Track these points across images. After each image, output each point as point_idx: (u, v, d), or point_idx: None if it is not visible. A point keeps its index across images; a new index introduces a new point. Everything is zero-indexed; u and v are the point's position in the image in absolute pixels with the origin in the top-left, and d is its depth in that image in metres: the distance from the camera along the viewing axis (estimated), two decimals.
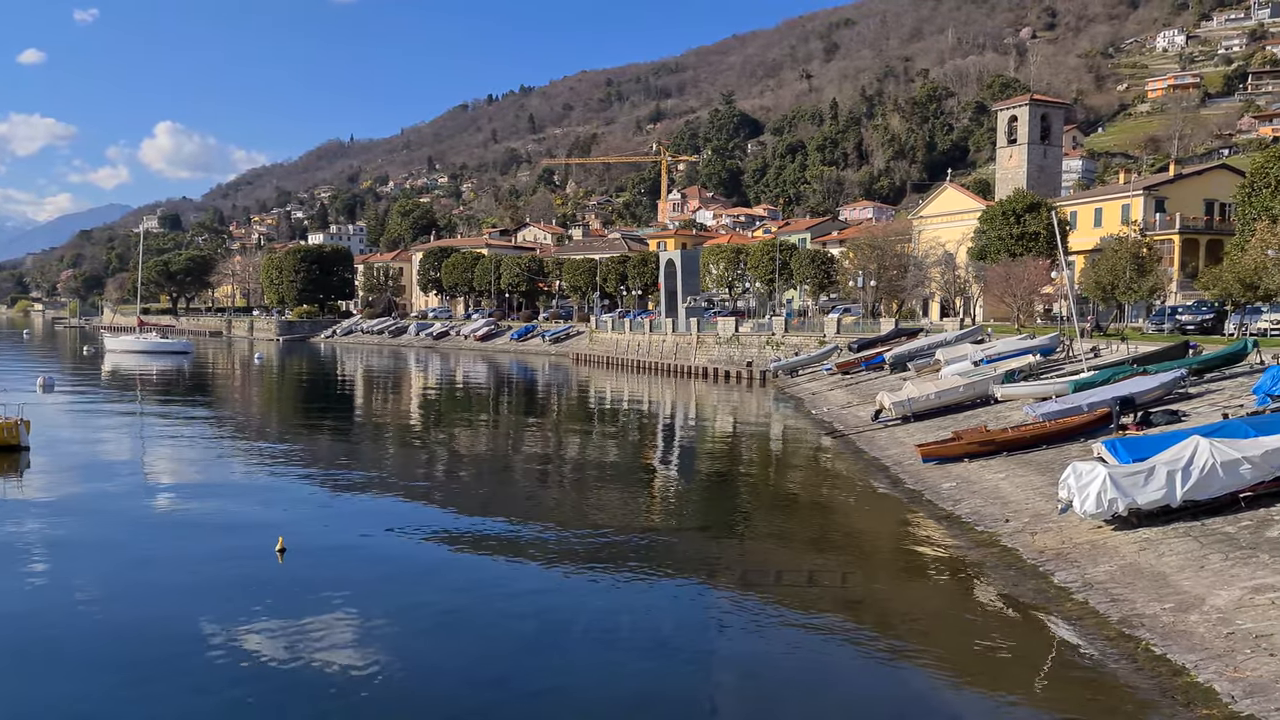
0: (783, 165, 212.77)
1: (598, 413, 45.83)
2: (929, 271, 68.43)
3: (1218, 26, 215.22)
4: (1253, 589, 12.42)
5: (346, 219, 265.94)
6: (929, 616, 14.32)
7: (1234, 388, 25.63)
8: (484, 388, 59.71)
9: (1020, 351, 37.13)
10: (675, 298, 72.95)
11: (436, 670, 12.38)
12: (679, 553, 18.12)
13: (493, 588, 15.83)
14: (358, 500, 23.02)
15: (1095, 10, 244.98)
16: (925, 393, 31.51)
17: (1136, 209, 64.55)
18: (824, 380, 47.27)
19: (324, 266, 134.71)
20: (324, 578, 16.12)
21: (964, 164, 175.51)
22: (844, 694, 11.73)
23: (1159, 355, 30.78)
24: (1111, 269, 45.19)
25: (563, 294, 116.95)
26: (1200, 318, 43.05)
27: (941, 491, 21.33)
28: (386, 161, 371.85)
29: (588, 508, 22.73)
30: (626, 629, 13.91)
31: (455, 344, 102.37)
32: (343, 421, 42.29)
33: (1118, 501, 15.20)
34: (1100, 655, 11.85)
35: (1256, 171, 48.00)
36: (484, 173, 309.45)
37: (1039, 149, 79.60)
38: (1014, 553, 16.31)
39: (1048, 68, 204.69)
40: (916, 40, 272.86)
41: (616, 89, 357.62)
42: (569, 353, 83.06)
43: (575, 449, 33.20)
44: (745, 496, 24.80)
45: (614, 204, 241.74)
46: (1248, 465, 15.23)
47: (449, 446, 33.71)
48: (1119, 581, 13.85)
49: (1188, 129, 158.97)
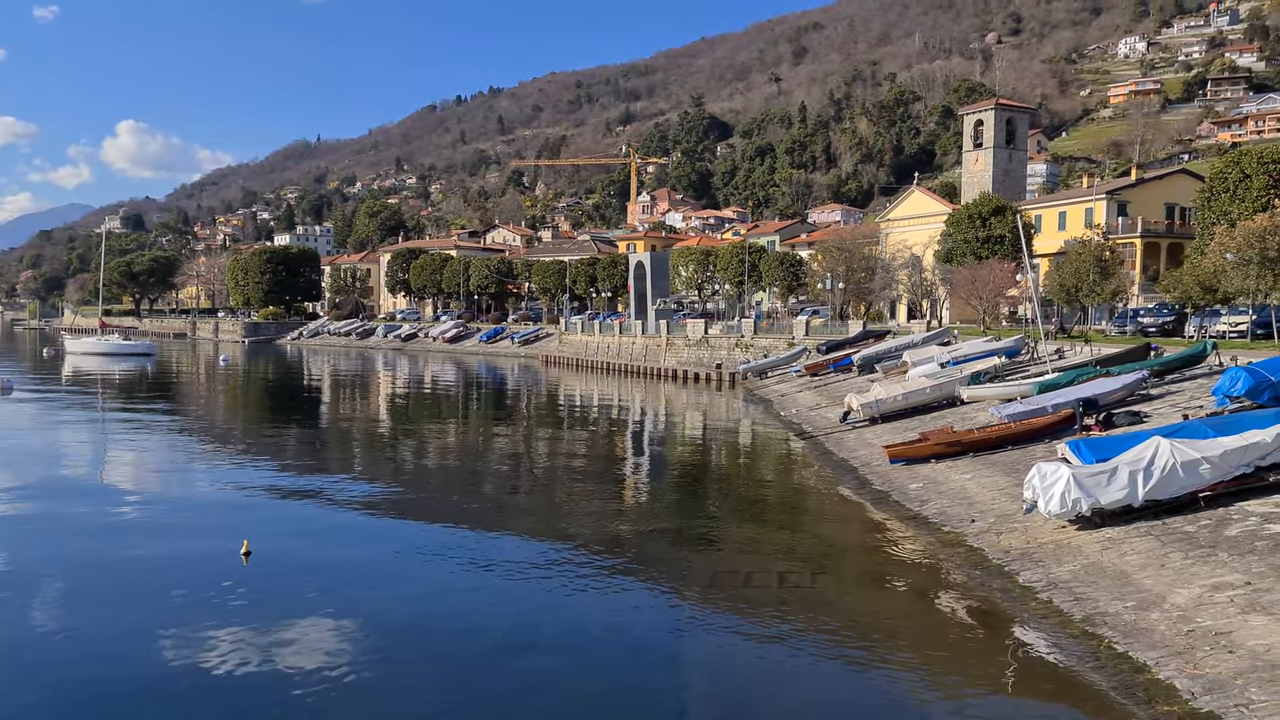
0: (752, 168, 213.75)
1: (567, 415, 45.75)
2: (896, 274, 69.03)
3: (1178, 34, 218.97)
4: (1212, 587, 12.63)
5: (313, 220, 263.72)
6: (897, 617, 14.43)
7: (1194, 389, 26.06)
8: (453, 390, 59.41)
9: (986, 353, 37.52)
10: (645, 300, 73.01)
11: (404, 673, 12.29)
12: (649, 555, 18.13)
13: (462, 590, 15.75)
14: (324, 503, 22.81)
15: (1059, 16, 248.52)
16: (893, 394, 31.76)
17: (1099, 213, 65.54)
18: (793, 382, 47.51)
19: (290, 268, 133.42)
20: (290, 581, 15.97)
21: (931, 167, 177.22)
22: (813, 695, 11.79)
23: (1121, 357, 31.23)
24: (1075, 272, 45.79)
25: (532, 296, 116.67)
26: (1161, 320, 43.75)
27: (909, 492, 21.50)
28: (354, 162, 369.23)
29: (557, 510, 22.68)
30: (596, 631, 13.90)
31: (424, 346, 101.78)
32: (309, 424, 41.91)
33: (1081, 501, 15.39)
34: (1064, 654, 11.99)
35: (1215, 177, 48.86)
36: (452, 174, 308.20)
37: (1004, 153, 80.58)
38: (980, 553, 16.47)
39: (1013, 73, 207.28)
40: (884, 44, 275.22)
41: (586, 91, 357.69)
42: (538, 355, 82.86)
43: (545, 451, 33.12)
44: (715, 499, 24.86)
45: (583, 206, 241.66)
46: (1207, 465, 15.49)
47: (417, 449, 33.51)
48: (1082, 580, 14.03)
49: (1149, 134, 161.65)
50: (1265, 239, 33.55)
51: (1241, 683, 10.11)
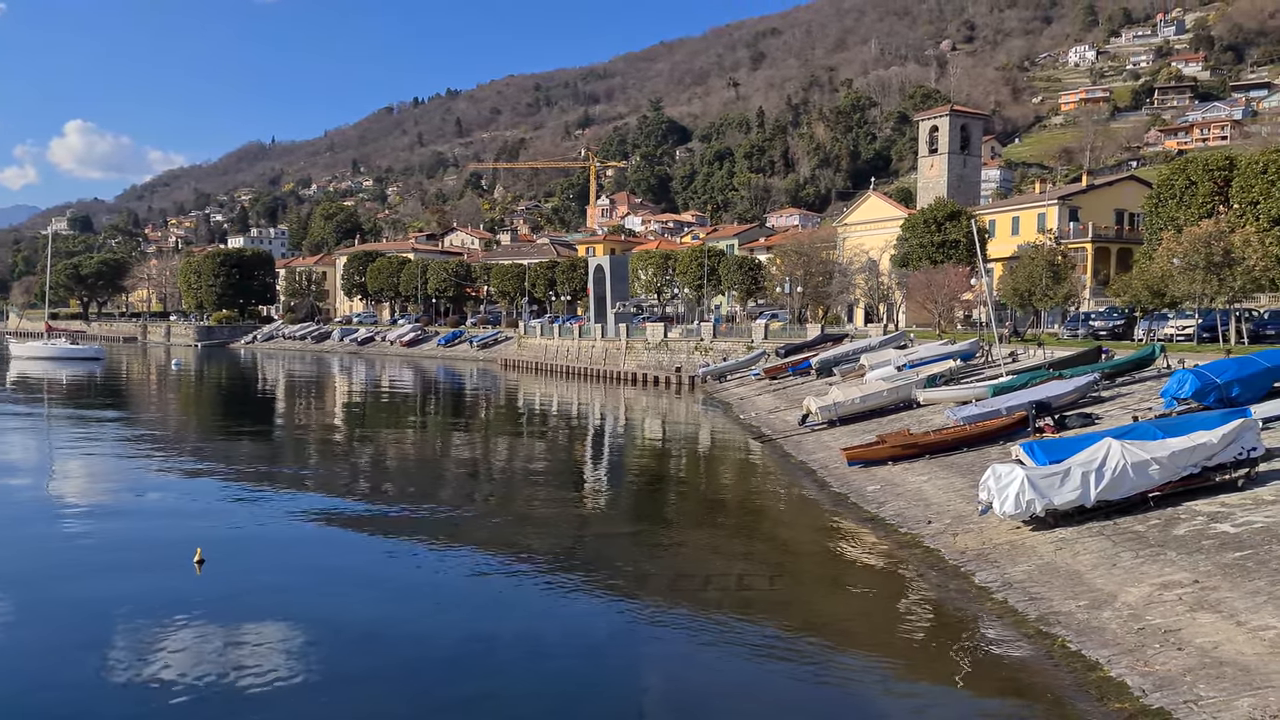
0: (711, 172, 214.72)
1: (526, 419, 45.57)
2: (854, 278, 69.64)
3: (1126, 43, 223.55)
4: (1161, 585, 12.87)
5: (268, 222, 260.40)
6: (854, 617, 14.53)
7: (1143, 391, 26.59)
8: (410, 394, 58.92)
9: (942, 357, 37.96)
10: (604, 303, 72.97)
11: (362, 681, 12.14)
12: (608, 558, 18.09)
13: (418, 597, 15.60)
14: (279, 511, 22.47)
15: (1011, 25, 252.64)
16: (850, 397, 32.00)
17: (1052, 218, 66.65)
18: (752, 385, 47.73)
19: (244, 270, 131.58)
20: (245, 589, 15.71)
21: (887, 173, 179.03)
22: (772, 696, 11.82)
23: (1073, 360, 31.76)
24: (1028, 276, 46.49)
25: (491, 299, 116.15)
26: (1112, 324, 44.56)
27: (866, 494, 21.68)
28: (309, 164, 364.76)
29: (515, 515, 22.55)
30: (556, 635, 13.83)
31: (381, 349, 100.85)
32: (264, 430, 41.31)
33: (1035, 502, 15.61)
34: (1019, 652, 12.15)
35: (1163, 184, 49.92)
36: (410, 176, 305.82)
37: (959, 159, 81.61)
38: (936, 553, 16.63)
39: (967, 79, 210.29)
40: (840, 50, 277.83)
41: (545, 94, 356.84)
42: (497, 358, 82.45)
43: (503, 456, 32.95)
44: (674, 501, 24.88)
45: (543, 209, 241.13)
46: (1156, 466, 15.79)
47: (373, 455, 33.16)
48: (1037, 580, 14.23)
49: (1099, 141, 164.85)
50: (1210, 245, 34.31)
51: (1190, 679, 10.30)
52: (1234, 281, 34.25)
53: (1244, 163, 45.21)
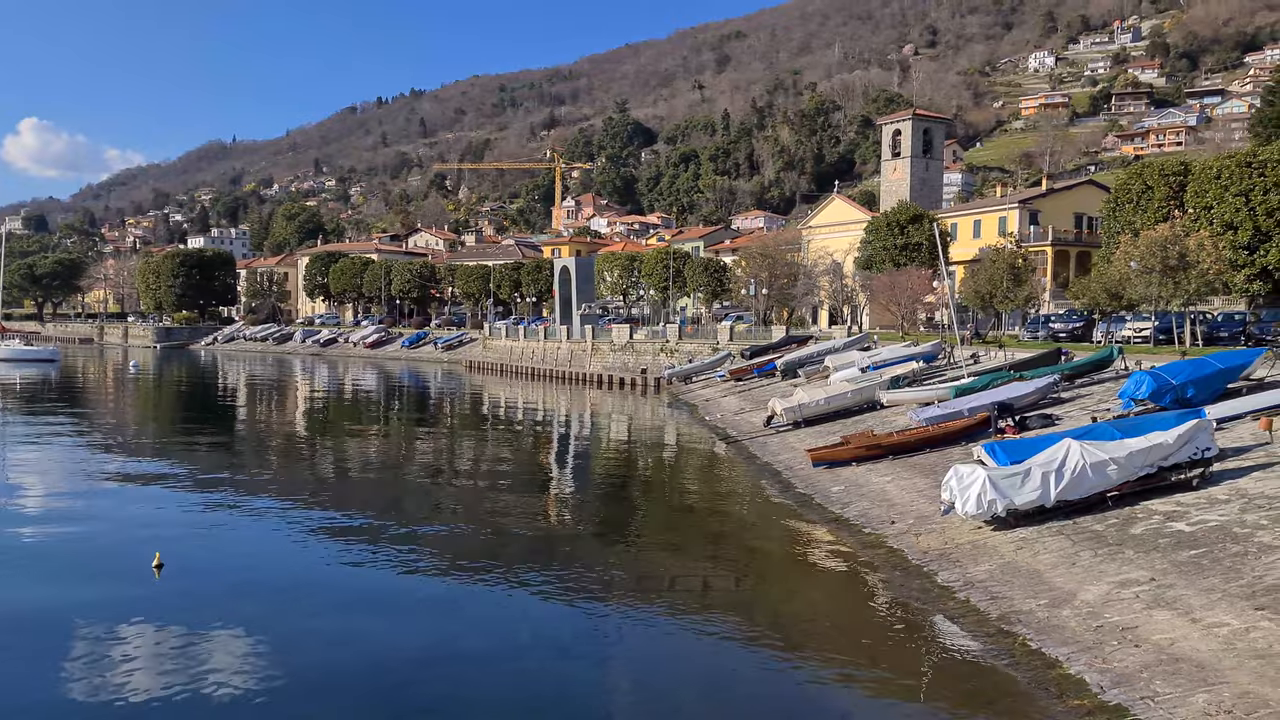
0: (676, 174, 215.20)
1: (491, 421, 45.36)
2: (818, 280, 70.10)
3: (1084, 49, 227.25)
4: (1119, 584, 13.08)
5: (229, 222, 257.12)
6: (819, 617, 14.62)
7: (1102, 392, 27.03)
8: (374, 396, 58.45)
9: (905, 358, 38.32)
10: (570, 305, 72.85)
11: (327, 686, 12.02)
12: (575, 561, 18.05)
13: (384, 600, 15.47)
14: (241, 514, 22.19)
15: (973, 30, 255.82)
16: (815, 398, 32.20)
17: (1012, 221, 67.51)
18: (717, 387, 47.87)
19: (204, 271, 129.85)
20: (206, 594, 15.48)
21: (851, 176, 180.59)
22: (737, 695, 11.86)
23: (1034, 361, 32.21)
24: (990, 279, 47.05)
25: (456, 301, 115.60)
26: (1071, 326, 45.23)
27: (831, 495, 21.82)
28: (271, 164, 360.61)
29: (482, 517, 22.44)
30: (521, 638, 13.79)
31: (344, 351, 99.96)
32: (224, 432, 40.76)
33: (997, 503, 15.80)
34: (981, 651, 12.29)
35: (1120, 188, 50.78)
36: (373, 176, 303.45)
37: (921, 162, 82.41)
38: (900, 553, 16.78)
39: (929, 84, 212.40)
40: (805, 54, 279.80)
41: (510, 95, 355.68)
42: (462, 360, 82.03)
43: (468, 458, 32.78)
44: (640, 503, 24.88)
45: (508, 210, 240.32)
46: (1114, 466, 16.05)
47: (337, 457, 32.85)
48: (998, 580, 14.40)
49: (1058, 146, 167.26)
50: (1166, 248, 34.93)
51: (1147, 675, 10.48)
52: (1189, 285, 34.88)
53: (1198, 168, 46.09)
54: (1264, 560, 12.71)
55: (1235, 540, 13.64)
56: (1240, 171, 42.36)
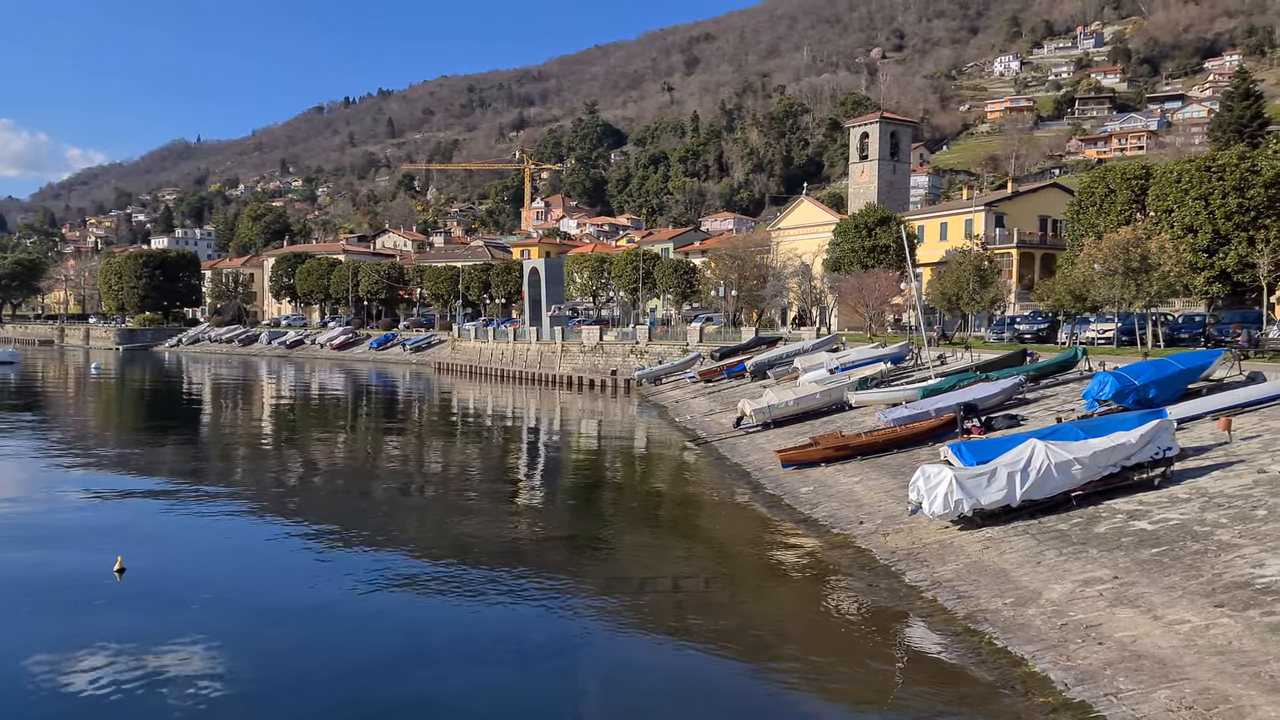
0: (645, 176, 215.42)
1: (460, 423, 45.13)
2: (787, 282, 70.40)
3: (1048, 54, 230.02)
4: (1083, 582, 13.24)
5: (193, 223, 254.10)
6: (788, 618, 14.66)
7: (1066, 393, 27.35)
8: (341, 398, 57.95)
9: (873, 359, 38.57)
10: (539, 306, 72.67)
11: (290, 690, 11.89)
12: (543, 563, 17.99)
13: (349, 604, 15.32)
14: (205, 518, 21.92)
15: (939, 34, 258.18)
16: (784, 400, 32.32)
17: (978, 224, 68.19)
18: (687, 388, 47.93)
19: (168, 272, 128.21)
20: (168, 598, 15.27)
21: (819, 178, 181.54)
22: (706, 698, 11.86)
23: (1000, 363, 32.52)
24: (956, 281, 47.49)
25: (424, 302, 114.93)
26: (1036, 327, 45.75)
27: (800, 496, 21.91)
28: (236, 164, 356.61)
29: (449, 520, 22.31)
30: (489, 640, 13.71)
31: (310, 353, 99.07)
32: (188, 435, 40.24)
33: (963, 502, 15.94)
34: (948, 650, 12.38)
35: (1083, 191, 51.48)
36: (340, 177, 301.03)
37: (889, 165, 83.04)
38: (868, 553, 16.88)
39: (896, 87, 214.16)
40: (773, 57, 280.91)
41: (478, 95, 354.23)
42: (431, 362, 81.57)
43: (437, 460, 32.59)
44: (609, 505, 24.85)
45: (477, 211, 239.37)
46: (1079, 466, 16.24)
47: (302, 460, 32.52)
48: (965, 579, 14.52)
49: (1023, 149, 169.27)
50: (1129, 250, 35.42)
51: (1110, 673, 10.62)
52: (1150, 287, 35.40)
53: (1159, 172, 46.82)
54: (1223, 558, 12.91)
55: (1195, 538, 13.85)
56: (1200, 175, 43.07)
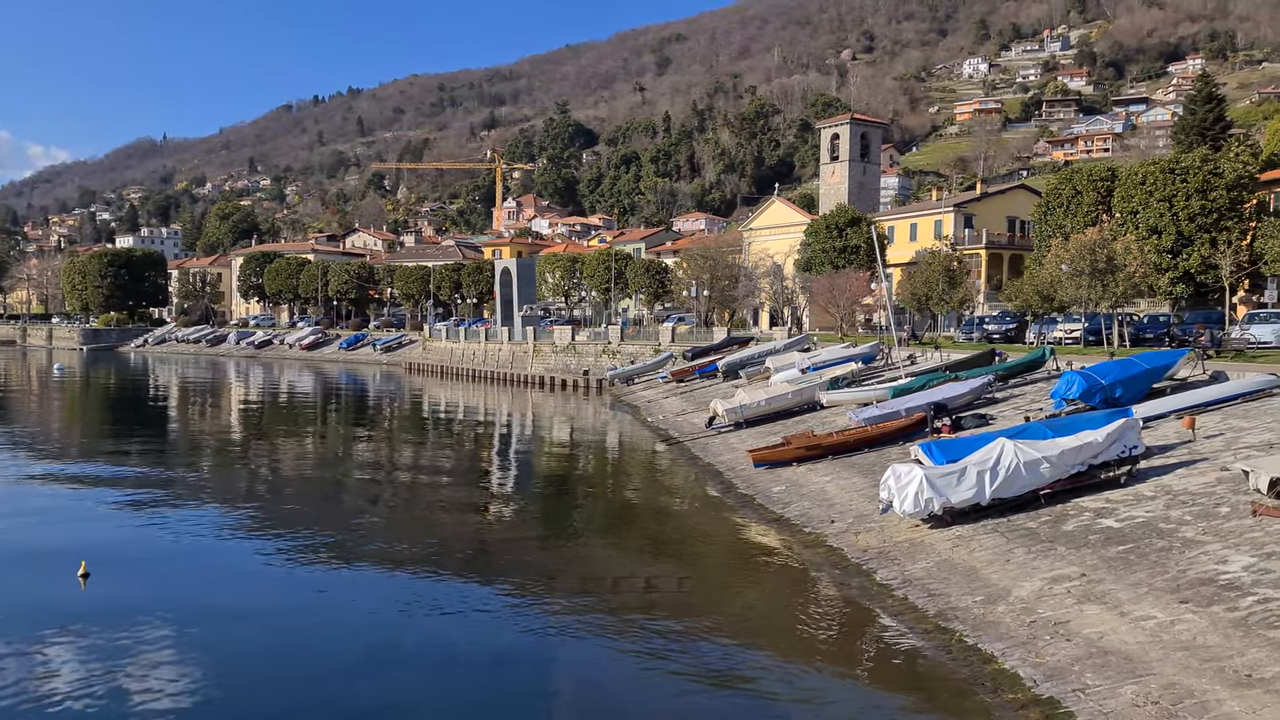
0: (617, 176, 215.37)
1: (431, 423, 44.89)
2: (759, 282, 70.63)
3: (1016, 57, 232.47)
4: (1051, 579, 13.39)
5: (159, 221, 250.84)
6: (761, 617, 14.71)
7: (1034, 392, 27.65)
8: (310, 399, 57.46)
9: (844, 359, 38.78)
10: (511, 306, 72.44)
11: (259, 696, 11.76)
12: (515, 564, 17.94)
13: (320, 607, 15.20)
14: (171, 521, 21.63)
15: (909, 36, 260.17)
16: (756, 399, 32.42)
17: (948, 225, 68.72)
18: (659, 388, 47.96)
19: (134, 271, 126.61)
20: (133, 603, 15.04)
21: (790, 179, 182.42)
22: (679, 697, 11.87)
23: (969, 362, 32.82)
24: (926, 281, 47.86)
25: (395, 302, 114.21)
26: (1004, 327, 46.20)
27: (772, 495, 21.98)
28: (203, 162, 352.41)
29: (421, 521, 22.19)
30: (462, 642, 13.65)
31: (279, 353, 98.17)
32: (154, 437, 39.73)
33: (933, 501, 16.06)
34: (919, 647, 12.47)
35: (1050, 193, 52.07)
36: (309, 176, 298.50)
37: (859, 166, 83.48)
38: (839, 552, 16.96)
39: (866, 89, 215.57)
40: (745, 58, 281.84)
41: (449, 94, 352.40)
42: (401, 362, 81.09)
43: (408, 461, 32.39)
44: (582, 505, 24.82)
45: (448, 211, 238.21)
46: (1047, 464, 16.41)
47: (270, 462, 32.22)
48: (935, 577, 14.64)
49: (991, 151, 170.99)
50: (1095, 251, 35.86)
51: (1078, 669, 10.74)
52: (1116, 287, 35.86)
53: (1124, 174, 47.48)
54: (1187, 554, 13.11)
55: (1161, 535, 14.04)
56: (1164, 178, 43.71)
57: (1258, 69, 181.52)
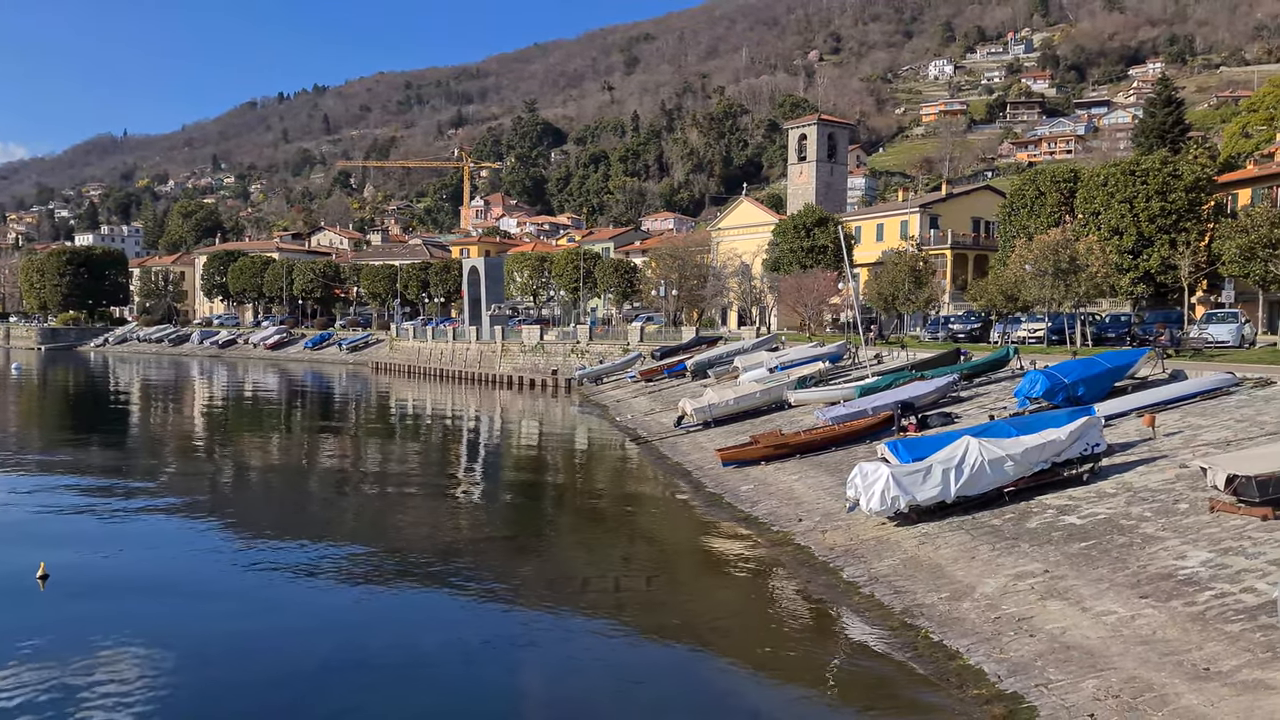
0: (586, 175, 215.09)
1: (399, 424, 44.60)
2: (727, 282, 70.81)
3: (980, 59, 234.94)
4: (1015, 576, 13.55)
5: (120, 219, 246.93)
6: (729, 615, 14.76)
7: (999, 391, 27.96)
8: (275, 399, 56.86)
9: (811, 359, 38.98)
10: (479, 305, 72.12)
11: (224, 698, 11.62)
12: (483, 564, 17.87)
13: (285, 609, 15.07)
14: (133, 523, 21.33)
15: (875, 38, 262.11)
16: (725, 399, 32.51)
17: (914, 225, 69.26)
18: (628, 388, 47.97)
19: (93, 270, 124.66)
20: (95, 606, 14.84)
21: (759, 179, 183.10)
22: (649, 696, 11.90)
23: (934, 361, 33.11)
24: (892, 281, 48.20)
25: (361, 301, 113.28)
26: (969, 327, 46.66)
27: (740, 494, 22.06)
28: (165, 159, 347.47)
29: (388, 522, 22.04)
30: (430, 643, 13.57)
31: (244, 353, 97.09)
32: (115, 437, 39.13)
33: (900, 499, 16.19)
34: (885, 644, 12.57)
35: (1015, 194, 52.69)
36: (274, 174, 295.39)
37: (826, 166, 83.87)
38: (807, 550, 17.06)
39: (834, 89, 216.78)
40: (713, 58, 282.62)
41: (416, 92, 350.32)
42: (368, 361, 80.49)
43: (375, 462, 32.15)
44: (550, 505, 24.77)
45: (415, 209, 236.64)
46: (1011, 462, 16.61)
47: (234, 463, 31.85)
48: (901, 574, 14.76)
49: (956, 152, 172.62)
50: (1058, 252, 36.30)
51: (1041, 664, 10.88)
52: (1079, 287, 36.32)
53: (1086, 176, 48.12)
54: (1148, 550, 13.32)
55: (1122, 532, 14.26)
56: (1125, 180, 44.35)
57: (1215, 73, 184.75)
